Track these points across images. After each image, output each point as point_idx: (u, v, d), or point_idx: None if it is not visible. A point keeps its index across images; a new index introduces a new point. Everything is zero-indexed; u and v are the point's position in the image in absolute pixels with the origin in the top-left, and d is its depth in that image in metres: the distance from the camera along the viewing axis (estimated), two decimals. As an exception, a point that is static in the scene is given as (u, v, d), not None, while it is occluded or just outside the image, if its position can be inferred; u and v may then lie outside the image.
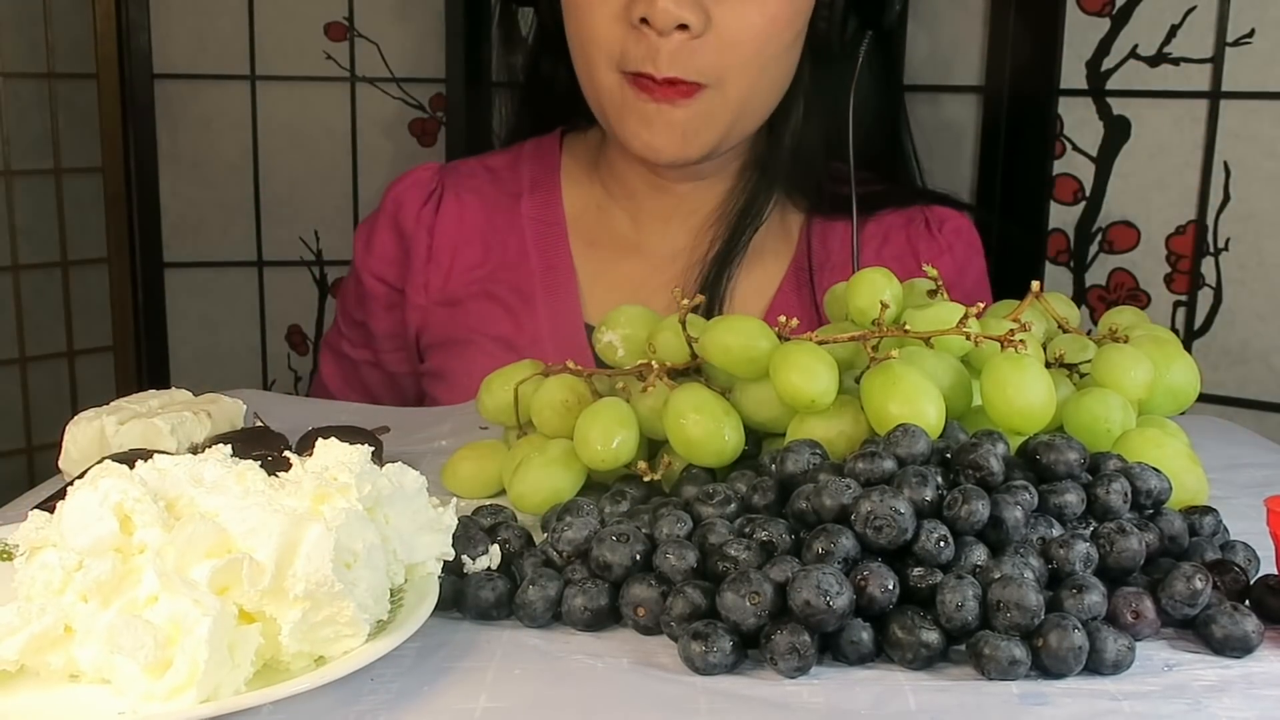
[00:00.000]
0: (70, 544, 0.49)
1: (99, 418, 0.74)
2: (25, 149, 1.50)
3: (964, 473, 0.58)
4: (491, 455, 0.75)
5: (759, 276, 1.10)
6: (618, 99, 1.02)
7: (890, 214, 1.14)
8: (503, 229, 1.13)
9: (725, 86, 1.00)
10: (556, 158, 1.17)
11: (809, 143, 1.09)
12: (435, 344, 1.14)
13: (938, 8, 1.33)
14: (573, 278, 1.11)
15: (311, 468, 0.54)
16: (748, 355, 0.68)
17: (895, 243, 1.13)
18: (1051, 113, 1.29)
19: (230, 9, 1.49)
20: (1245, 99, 1.21)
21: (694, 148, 1.02)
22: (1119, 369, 0.68)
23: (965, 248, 1.15)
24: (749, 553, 0.55)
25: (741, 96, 1.01)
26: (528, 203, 1.14)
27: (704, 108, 1.00)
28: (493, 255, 1.12)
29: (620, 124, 1.03)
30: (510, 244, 1.12)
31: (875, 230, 1.13)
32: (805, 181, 1.11)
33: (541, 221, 1.13)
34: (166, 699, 0.46)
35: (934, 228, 1.14)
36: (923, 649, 0.52)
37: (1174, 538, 0.60)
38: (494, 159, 1.19)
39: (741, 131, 1.05)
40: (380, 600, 0.51)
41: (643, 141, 1.02)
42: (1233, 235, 1.23)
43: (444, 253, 1.13)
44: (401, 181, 1.16)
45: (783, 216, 1.12)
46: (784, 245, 1.12)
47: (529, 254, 1.12)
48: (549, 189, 1.15)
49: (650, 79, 0.98)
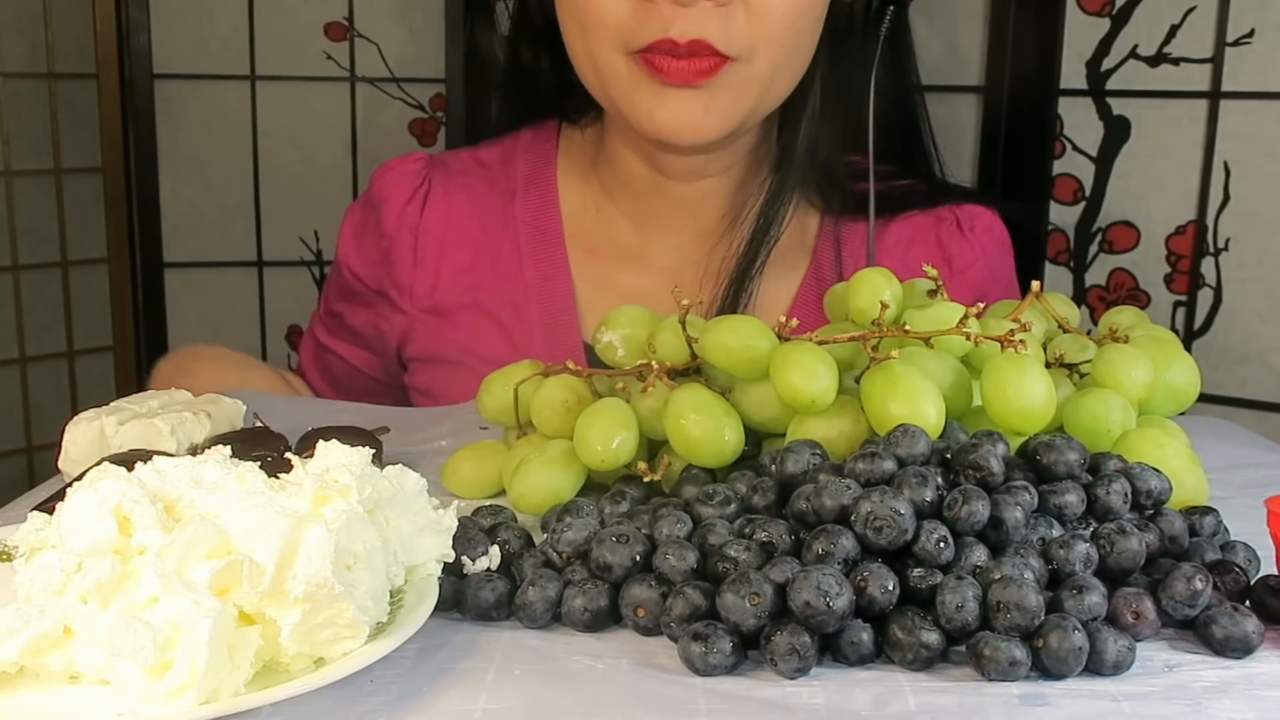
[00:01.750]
0: (69, 546, 0.49)
1: (99, 418, 0.74)
2: (25, 149, 1.50)
3: (964, 473, 0.58)
4: (491, 456, 0.75)
5: (773, 289, 1.02)
6: (627, 81, 0.93)
7: (917, 215, 1.05)
8: (495, 232, 1.05)
9: (755, 60, 0.91)
10: (553, 152, 1.08)
11: (826, 133, 1.01)
12: (422, 358, 1.07)
13: (938, 8, 1.33)
14: (570, 291, 1.03)
15: (312, 469, 0.54)
16: (747, 355, 0.68)
17: (924, 245, 1.05)
18: (1051, 113, 1.29)
19: (230, 9, 1.49)
20: (1245, 99, 1.21)
21: (714, 124, 0.92)
22: (1119, 369, 0.68)
23: (999, 249, 1.08)
24: (749, 553, 0.55)
25: (769, 72, 0.93)
26: (522, 204, 1.06)
27: (728, 81, 0.91)
28: (483, 261, 1.05)
29: (631, 105, 0.93)
30: (503, 250, 1.05)
31: (901, 232, 1.05)
32: (824, 177, 1.03)
33: (536, 226, 1.05)
34: (166, 700, 0.46)
35: (965, 228, 1.06)
36: (923, 650, 0.52)
37: (1174, 538, 0.60)
38: (486, 151, 1.11)
39: (763, 110, 0.97)
40: (380, 602, 0.51)
41: (658, 122, 0.92)
42: (1233, 235, 1.23)
43: (430, 256, 1.05)
44: (387, 174, 1.08)
45: (799, 219, 1.04)
46: (800, 252, 1.04)
47: (523, 263, 1.04)
48: (544, 188, 1.07)
49: (668, 52, 0.89)
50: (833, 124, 1.01)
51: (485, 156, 1.10)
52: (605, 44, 0.92)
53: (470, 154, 1.11)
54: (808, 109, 1.00)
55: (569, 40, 0.97)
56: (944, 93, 1.33)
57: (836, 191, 1.04)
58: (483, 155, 1.10)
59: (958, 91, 1.33)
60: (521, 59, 1.08)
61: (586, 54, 0.95)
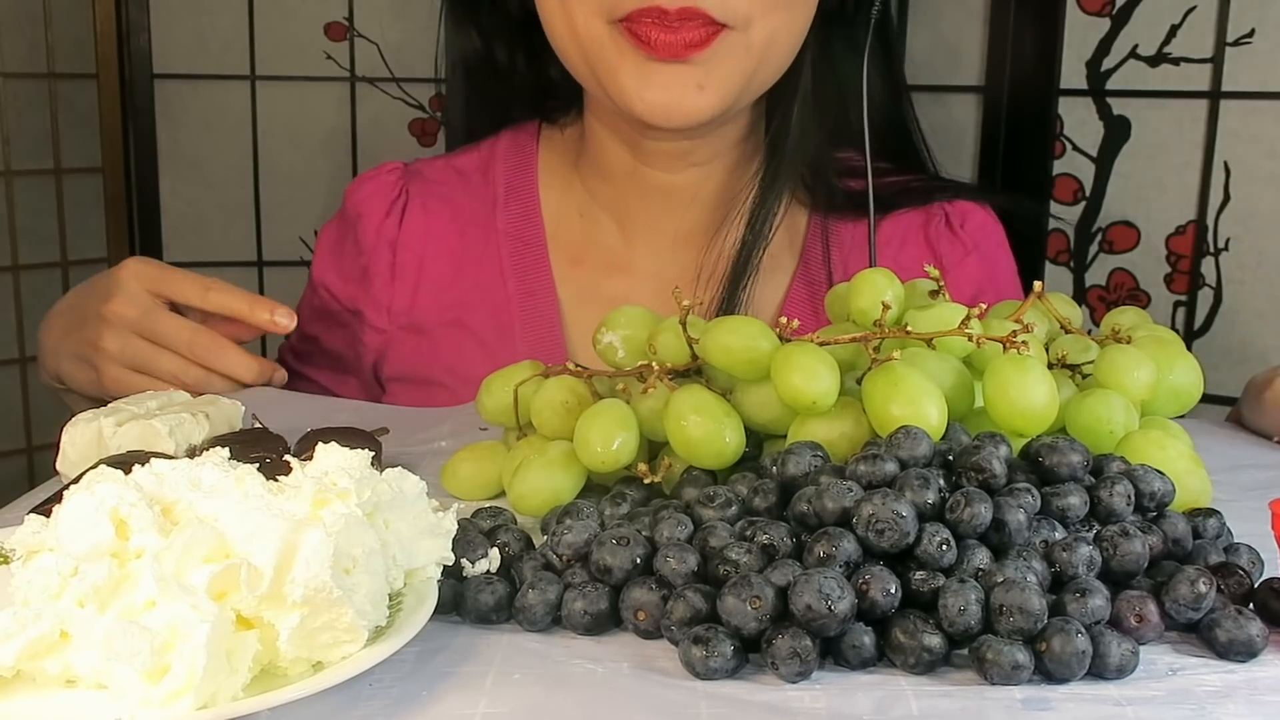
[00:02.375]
0: (66, 550, 0.49)
1: (97, 419, 0.73)
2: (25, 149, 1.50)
3: (966, 475, 0.58)
4: (491, 457, 0.74)
5: (761, 290, 0.98)
6: (610, 52, 0.87)
7: (907, 213, 1.02)
8: (476, 245, 1.02)
9: (751, 28, 0.86)
10: (533, 156, 1.04)
11: (815, 123, 0.97)
12: (401, 377, 1.04)
13: (938, 8, 1.32)
14: (554, 305, 1.00)
15: (311, 472, 0.54)
16: (748, 356, 0.67)
17: (913, 245, 1.02)
18: (1051, 113, 1.29)
19: (230, 9, 1.49)
20: (1245, 99, 1.20)
21: (709, 103, 0.87)
22: (1122, 370, 0.68)
23: (993, 246, 1.05)
24: (750, 556, 0.55)
25: (765, 39, 0.88)
26: (503, 213, 1.02)
27: (722, 53, 0.86)
28: (464, 276, 1.01)
29: (615, 82, 0.87)
30: (484, 264, 1.01)
31: (891, 232, 1.02)
32: (813, 172, 0.99)
33: (518, 238, 1.01)
34: (164, 705, 0.45)
35: (955, 225, 1.03)
36: (925, 653, 0.51)
37: (1177, 540, 0.60)
38: (463, 159, 1.07)
39: (758, 87, 0.92)
40: (379, 606, 0.51)
41: (646, 102, 0.87)
42: (1233, 235, 1.23)
43: (409, 271, 1.02)
44: (362, 188, 1.04)
45: (788, 218, 1.00)
46: (789, 252, 1.01)
47: (505, 276, 1.00)
48: (525, 196, 1.03)
49: (656, 20, 0.83)
50: (822, 113, 0.98)
51: (463, 164, 1.06)
52: (586, 9, 0.87)
53: (447, 162, 1.08)
54: (799, 91, 0.96)
55: (547, 14, 0.91)
56: (944, 93, 1.33)
57: (825, 187, 1.00)
58: (460, 163, 1.07)
59: (958, 91, 1.32)
60: (497, 56, 1.04)
61: (566, 24, 0.89)
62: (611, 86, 0.89)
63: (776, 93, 0.96)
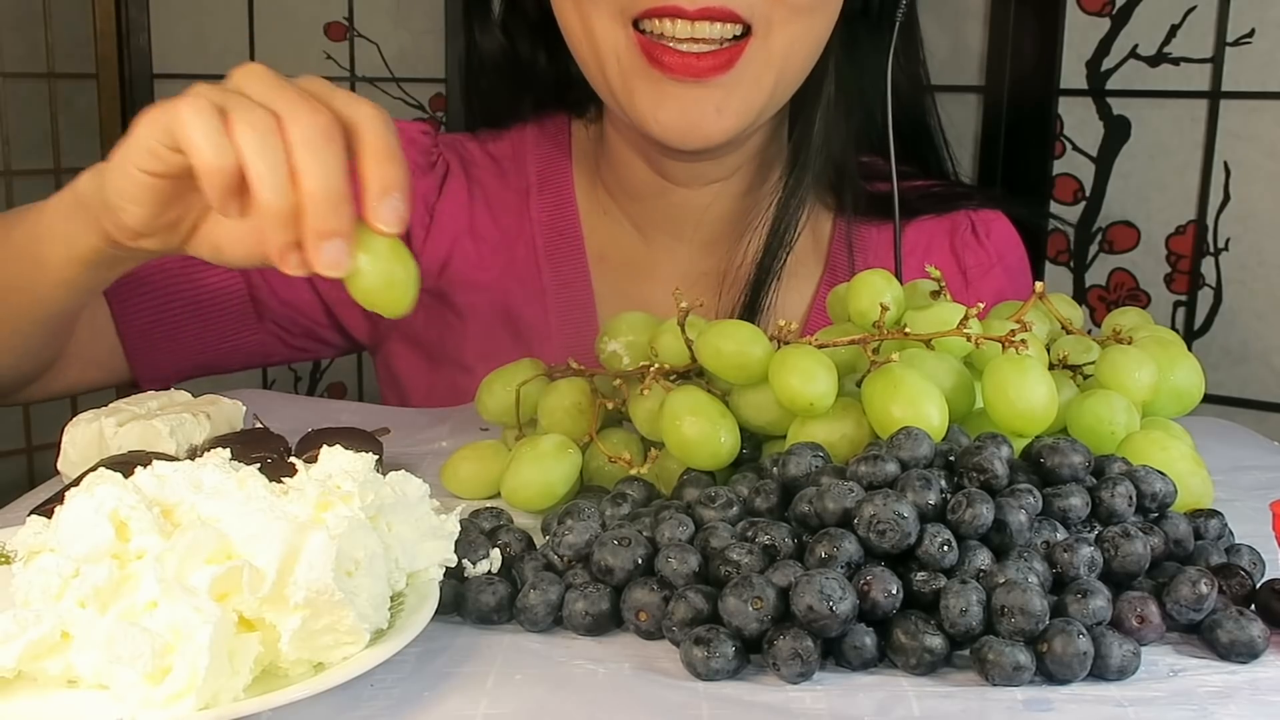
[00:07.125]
0: (67, 552, 0.49)
1: (98, 419, 0.73)
2: (25, 149, 1.50)
3: (968, 476, 0.58)
4: (492, 456, 0.74)
5: (788, 295, 0.96)
6: (626, 64, 0.84)
7: (930, 219, 1.00)
8: (511, 231, 0.99)
9: (771, 33, 0.83)
10: (566, 148, 1.00)
11: (840, 126, 0.95)
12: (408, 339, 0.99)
13: (938, 8, 1.32)
14: (590, 299, 0.97)
15: (315, 475, 0.54)
16: (738, 361, 0.67)
17: (938, 252, 1.00)
18: (1051, 113, 1.29)
19: (230, 9, 1.49)
20: (1245, 99, 1.20)
21: (728, 125, 0.85)
22: (1123, 370, 0.68)
23: (1017, 258, 1.03)
24: (751, 557, 0.55)
25: (784, 51, 0.85)
26: (537, 203, 0.99)
27: (741, 73, 0.83)
28: (498, 260, 0.98)
29: (630, 99, 0.85)
30: (518, 251, 0.98)
31: (916, 238, 1.00)
32: (838, 174, 0.97)
33: (554, 228, 0.98)
34: (165, 706, 0.45)
35: (981, 235, 1.01)
36: (926, 654, 0.51)
37: (1179, 541, 0.60)
38: (495, 145, 1.03)
39: (779, 99, 0.89)
40: (380, 608, 0.51)
41: (662, 124, 0.84)
42: (1233, 235, 1.23)
43: (444, 237, 0.97)
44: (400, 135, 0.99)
45: (812, 222, 0.98)
46: (814, 257, 0.99)
47: (540, 266, 0.98)
48: (560, 187, 0.99)
49: (673, 17, 0.80)
50: (846, 116, 0.95)
51: (495, 150, 1.03)
52: (603, 11, 0.84)
53: (479, 145, 1.03)
54: (823, 96, 0.93)
55: (564, 18, 0.89)
56: (944, 92, 1.33)
57: (850, 190, 0.99)
58: (492, 148, 1.03)
59: (958, 91, 1.33)
60: (519, 52, 1.01)
61: (583, 29, 0.86)
62: (626, 103, 0.86)
63: (799, 98, 0.94)
